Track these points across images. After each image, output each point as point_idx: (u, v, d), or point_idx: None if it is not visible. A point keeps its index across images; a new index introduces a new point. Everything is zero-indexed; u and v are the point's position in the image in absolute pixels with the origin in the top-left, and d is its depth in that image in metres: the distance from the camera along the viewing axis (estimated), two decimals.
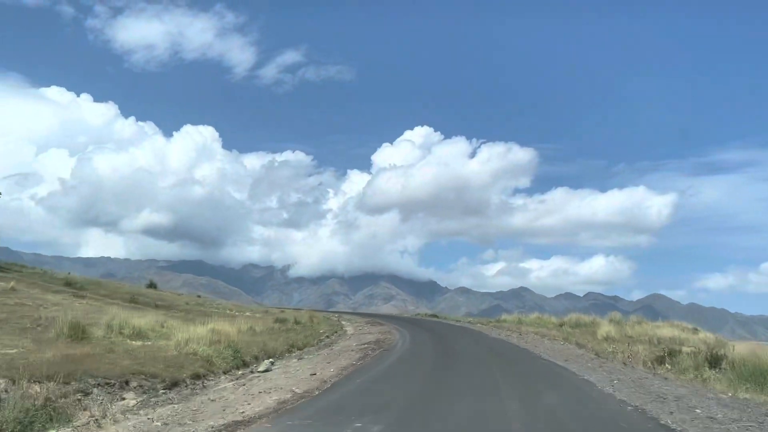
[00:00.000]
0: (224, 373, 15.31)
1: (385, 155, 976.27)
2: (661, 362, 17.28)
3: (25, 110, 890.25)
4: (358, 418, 9.83)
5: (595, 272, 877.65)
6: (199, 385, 13.57)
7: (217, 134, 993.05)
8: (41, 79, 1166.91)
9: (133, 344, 15.98)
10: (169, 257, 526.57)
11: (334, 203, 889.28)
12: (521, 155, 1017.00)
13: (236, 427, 9.56)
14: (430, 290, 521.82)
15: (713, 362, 15.81)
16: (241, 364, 16.72)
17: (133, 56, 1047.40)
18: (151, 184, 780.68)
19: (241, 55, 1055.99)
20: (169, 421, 10.10)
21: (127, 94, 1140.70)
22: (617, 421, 10.30)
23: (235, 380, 14.68)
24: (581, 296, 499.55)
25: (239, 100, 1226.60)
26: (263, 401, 11.60)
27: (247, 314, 42.81)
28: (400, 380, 14.59)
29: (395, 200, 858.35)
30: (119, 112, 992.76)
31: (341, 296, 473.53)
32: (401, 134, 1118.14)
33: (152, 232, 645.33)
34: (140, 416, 10.42)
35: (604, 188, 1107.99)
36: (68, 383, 10.76)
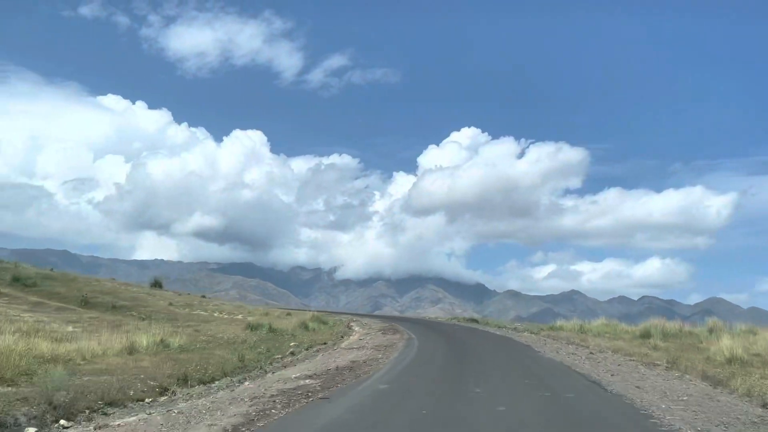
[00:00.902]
0: None
1: (431, 157, 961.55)
2: None
3: (83, 118, 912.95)
4: None
5: (650, 275, 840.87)
6: None
7: (265, 138, 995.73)
8: (98, 87, 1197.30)
9: None
10: (219, 259, 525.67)
11: (380, 205, 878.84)
12: (572, 155, 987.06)
13: None
14: (478, 293, 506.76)
15: None
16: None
17: (185, 63, 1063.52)
18: (201, 187, 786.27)
19: (288, 60, 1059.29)
20: None
21: (179, 100, 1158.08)
22: None
23: None
24: (636, 300, 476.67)
25: (287, 104, 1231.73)
26: None
27: (238, 317, 33.78)
28: None
29: (441, 202, 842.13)
30: (172, 118, 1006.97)
31: (388, 299, 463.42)
32: (448, 136, 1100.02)
33: (203, 234, 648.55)
34: None
35: (659, 188, 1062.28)
36: None
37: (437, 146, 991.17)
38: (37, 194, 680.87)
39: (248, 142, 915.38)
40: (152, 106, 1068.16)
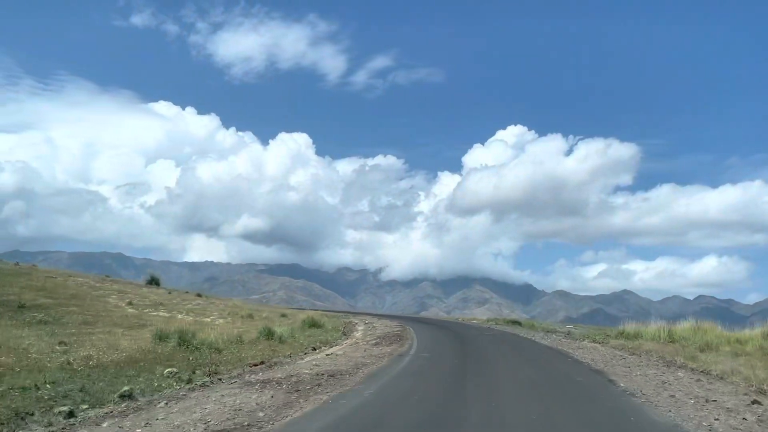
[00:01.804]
0: None
1: (476, 156, 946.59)
2: None
3: (135, 124, 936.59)
4: None
5: (706, 274, 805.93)
6: None
7: (310, 141, 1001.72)
8: (150, 94, 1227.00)
9: None
10: (266, 261, 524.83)
11: (425, 206, 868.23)
12: (622, 151, 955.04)
13: None
14: (526, 294, 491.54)
15: None
16: None
17: (232, 69, 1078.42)
18: (249, 190, 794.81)
19: (333, 62, 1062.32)
20: None
21: (227, 105, 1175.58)
22: None
23: None
24: (691, 300, 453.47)
25: (331, 106, 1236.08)
26: None
27: (206, 319, 25.53)
28: None
29: (487, 201, 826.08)
30: (221, 123, 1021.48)
31: (434, 299, 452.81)
32: (493, 134, 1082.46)
33: (250, 236, 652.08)
34: None
35: (715, 184, 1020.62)
36: None
37: (482, 145, 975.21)
38: (92, 199, 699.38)
39: (294, 144, 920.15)
40: (201, 111, 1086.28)
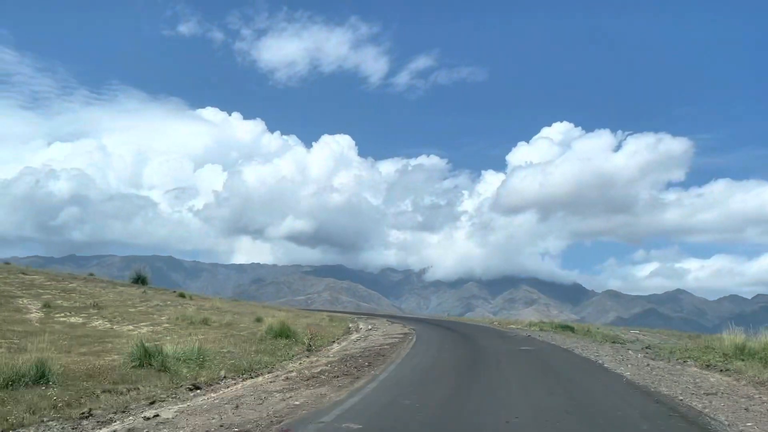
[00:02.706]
0: None
1: (520, 154, 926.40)
2: None
3: (184, 130, 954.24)
4: None
5: (765, 271, 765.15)
6: None
7: (353, 142, 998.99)
8: (198, 101, 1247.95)
9: None
10: (311, 262, 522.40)
11: (468, 205, 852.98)
12: (674, 146, 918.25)
13: None
14: (575, 294, 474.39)
15: None
16: None
17: (276, 74, 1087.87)
18: (293, 192, 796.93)
19: (374, 64, 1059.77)
20: None
21: (272, 110, 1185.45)
22: None
23: None
24: (749, 299, 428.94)
25: (374, 108, 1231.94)
26: None
27: (136, 332, 18.19)
28: None
29: (532, 200, 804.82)
30: (266, 127, 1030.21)
31: (480, 300, 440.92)
32: (538, 132, 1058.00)
33: (295, 238, 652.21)
34: None
35: None
36: None
37: (527, 143, 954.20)
38: (143, 204, 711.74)
39: (336, 146, 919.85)
40: (247, 116, 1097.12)
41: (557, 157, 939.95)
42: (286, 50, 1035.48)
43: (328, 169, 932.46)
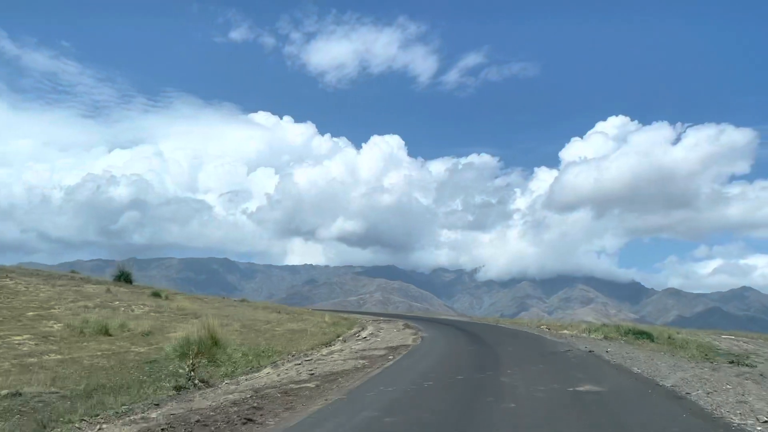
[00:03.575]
0: None
1: (574, 150, 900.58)
2: None
3: (237, 135, 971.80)
4: None
5: None
6: None
7: (402, 143, 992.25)
8: (250, 105, 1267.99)
9: None
10: (363, 263, 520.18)
11: (521, 203, 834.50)
12: (737, 137, 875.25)
13: None
14: (633, 292, 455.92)
15: None
16: None
17: (326, 76, 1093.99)
18: (343, 194, 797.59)
19: (423, 63, 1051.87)
20: None
21: (322, 112, 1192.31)
22: None
23: None
24: None
25: (423, 107, 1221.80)
26: None
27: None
28: None
29: (587, 196, 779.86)
30: (316, 130, 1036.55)
31: (534, 299, 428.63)
32: (592, 126, 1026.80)
33: (346, 239, 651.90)
34: None
35: None
36: None
37: (581, 138, 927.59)
38: (199, 207, 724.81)
39: (386, 147, 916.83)
40: (298, 119, 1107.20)
41: (613, 151, 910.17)
42: (335, 52, 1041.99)
43: (378, 169, 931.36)
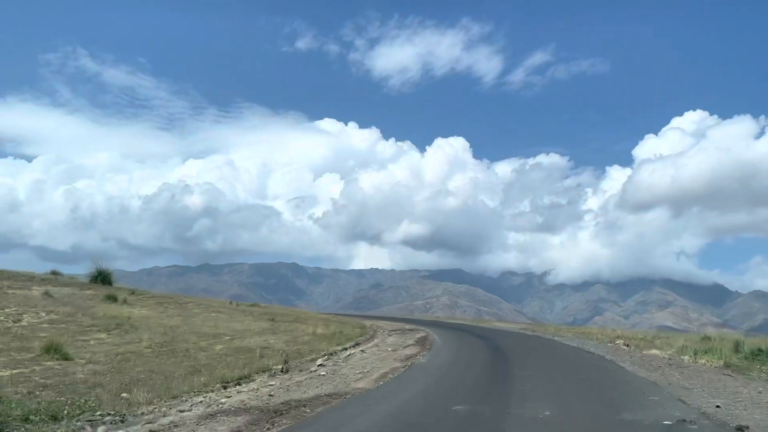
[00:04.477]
0: None
1: (649, 147, 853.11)
2: None
3: (304, 142, 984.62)
4: None
5: None
6: None
7: (467, 144, 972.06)
8: (316, 113, 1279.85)
9: None
10: (429, 266, 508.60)
11: (593, 203, 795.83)
12: None
13: None
14: (716, 295, 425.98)
15: None
16: None
17: (389, 81, 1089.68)
18: (408, 197, 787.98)
19: (488, 64, 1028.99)
20: None
21: (386, 117, 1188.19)
22: None
23: None
24: None
25: (488, 108, 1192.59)
26: None
27: None
28: None
29: (663, 195, 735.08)
30: (381, 135, 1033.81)
31: (609, 303, 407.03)
32: (668, 122, 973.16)
33: (411, 242, 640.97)
34: None
35: None
36: None
37: (655, 135, 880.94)
38: (268, 213, 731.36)
39: (450, 149, 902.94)
40: (362, 125, 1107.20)
41: (690, 148, 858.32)
42: (398, 57, 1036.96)
43: (442, 172, 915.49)
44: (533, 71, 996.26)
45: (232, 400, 9.78)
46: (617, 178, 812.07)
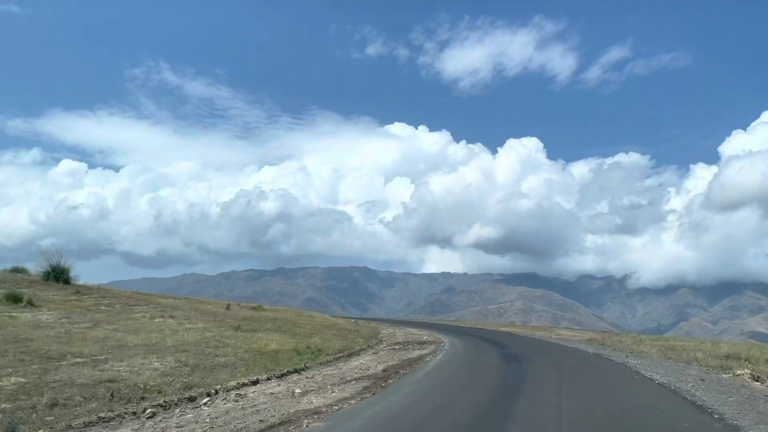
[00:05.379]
0: None
1: (737, 143, 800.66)
2: None
3: (375, 147, 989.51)
4: None
5: None
6: None
7: (541, 145, 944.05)
8: (386, 117, 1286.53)
9: None
10: (502, 270, 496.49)
11: (676, 203, 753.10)
12: None
13: None
14: None
15: None
16: None
17: (460, 83, 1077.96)
18: (479, 200, 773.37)
19: (562, 62, 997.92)
20: None
21: (457, 119, 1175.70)
22: None
23: None
24: None
25: (562, 107, 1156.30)
26: None
27: None
28: None
29: (754, 193, 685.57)
30: (451, 138, 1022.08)
31: (695, 308, 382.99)
32: (757, 117, 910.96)
33: (483, 246, 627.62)
34: None
35: None
36: None
37: (744, 130, 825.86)
38: (340, 218, 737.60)
39: (523, 150, 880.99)
40: (433, 128, 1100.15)
41: None
42: (469, 58, 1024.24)
43: (515, 173, 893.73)
44: (610, 68, 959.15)
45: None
46: (702, 176, 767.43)
